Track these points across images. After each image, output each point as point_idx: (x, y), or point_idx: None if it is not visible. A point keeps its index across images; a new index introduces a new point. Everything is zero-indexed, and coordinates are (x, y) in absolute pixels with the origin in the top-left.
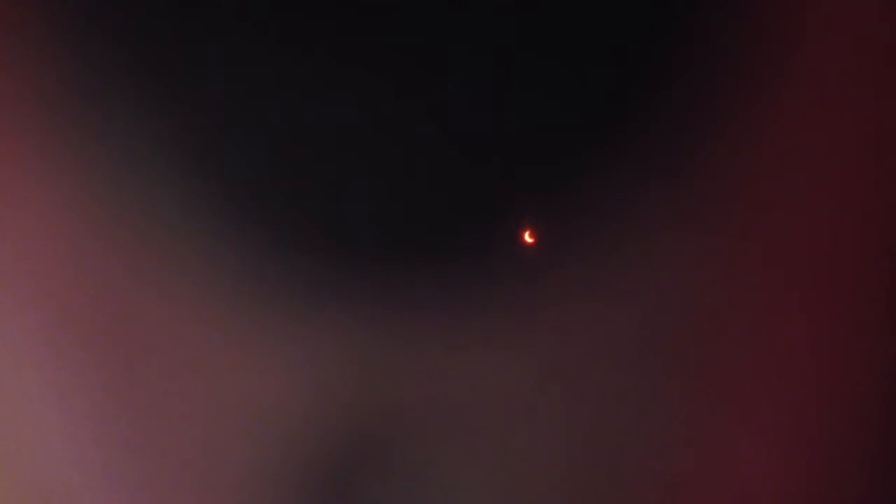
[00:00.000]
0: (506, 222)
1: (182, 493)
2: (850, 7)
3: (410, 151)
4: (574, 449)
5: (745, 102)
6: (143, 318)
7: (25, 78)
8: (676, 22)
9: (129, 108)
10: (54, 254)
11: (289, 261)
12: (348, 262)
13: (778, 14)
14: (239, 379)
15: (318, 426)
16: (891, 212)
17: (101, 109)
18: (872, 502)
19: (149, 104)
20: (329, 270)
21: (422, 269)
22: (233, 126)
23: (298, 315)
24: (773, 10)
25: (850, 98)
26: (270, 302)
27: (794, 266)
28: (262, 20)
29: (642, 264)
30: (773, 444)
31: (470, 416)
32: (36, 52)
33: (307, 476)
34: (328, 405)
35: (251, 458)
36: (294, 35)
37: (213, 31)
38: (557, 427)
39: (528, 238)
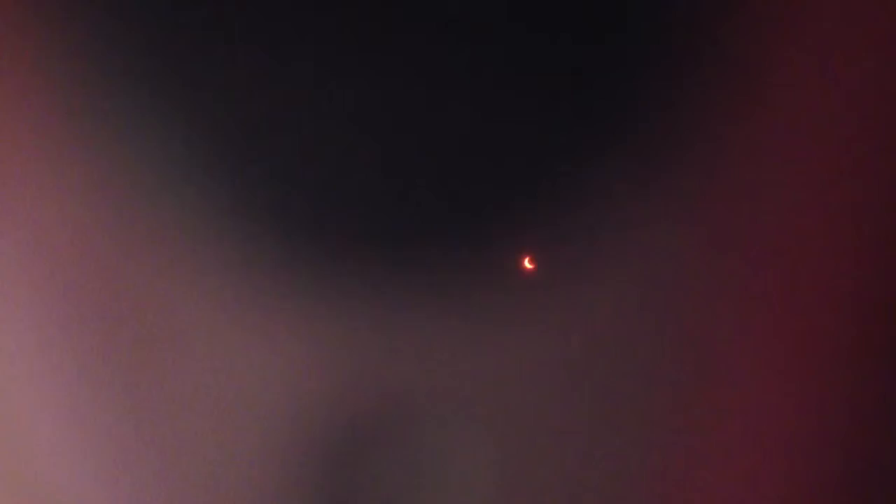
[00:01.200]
0: (506, 219)
1: (188, 486)
2: (848, 6)
3: (413, 152)
4: (572, 438)
5: (743, 102)
6: (148, 314)
7: (34, 73)
8: (673, 21)
9: (137, 105)
10: (59, 250)
11: (294, 256)
12: (353, 258)
13: (775, 12)
14: (244, 372)
15: (322, 417)
16: (890, 209)
17: (109, 105)
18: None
19: (158, 101)
20: (333, 265)
21: (424, 264)
22: (240, 125)
23: (303, 309)
24: (770, 9)
25: (849, 95)
26: (275, 296)
27: (793, 265)
28: (270, 21)
29: (641, 261)
30: (773, 442)
31: (471, 405)
32: (47, 48)
33: (311, 465)
34: (332, 396)
35: (255, 451)
36: (300, 37)
37: (223, 27)
38: (556, 417)
39: (527, 265)
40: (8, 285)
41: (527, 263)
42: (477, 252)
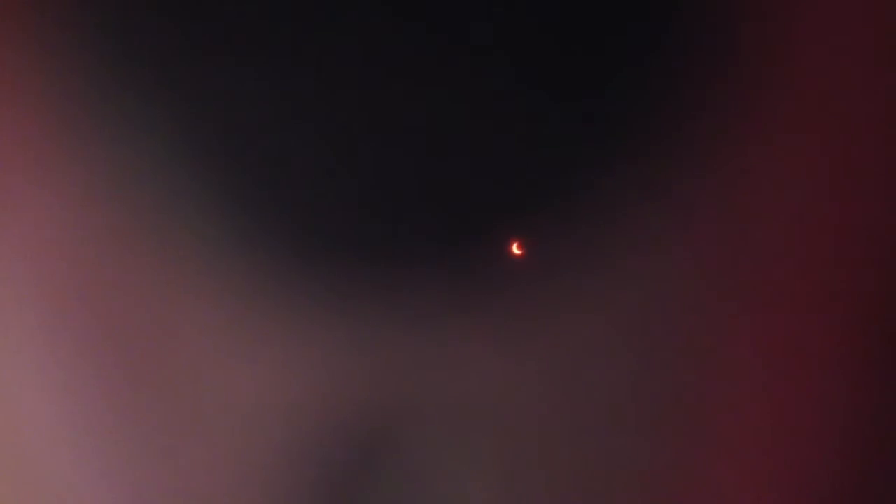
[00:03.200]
0: (507, 226)
1: (183, 490)
2: (847, 6)
3: (413, 158)
4: (572, 448)
5: (741, 105)
6: (149, 321)
7: (32, 78)
8: (673, 24)
9: (138, 110)
10: (61, 256)
11: (294, 264)
12: (353, 266)
13: (775, 14)
14: (242, 380)
15: (320, 426)
16: (890, 211)
17: (110, 111)
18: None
19: (158, 107)
20: (333, 273)
21: (425, 273)
22: (240, 131)
23: (302, 317)
24: (770, 11)
25: (848, 98)
26: (274, 304)
27: (792, 270)
28: (273, 27)
29: (638, 266)
30: (771, 445)
31: (471, 414)
32: (43, 53)
33: (309, 471)
34: (330, 405)
35: (253, 459)
36: (300, 43)
37: (225, 34)
38: (556, 426)
39: (516, 250)
40: (8, 289)
41: (515, 249)
42: (475, 260)
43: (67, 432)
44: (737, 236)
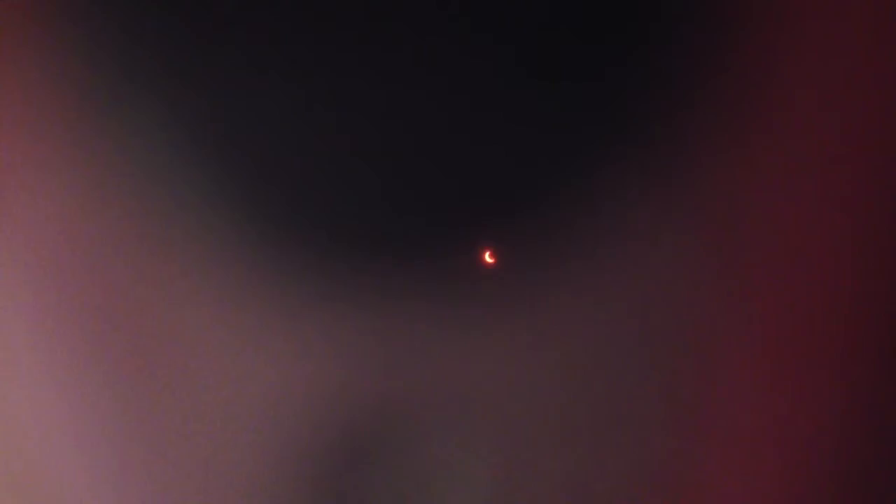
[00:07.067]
0: (504, 219)
1: (185, 490)
2: (849, 7)
3: (409, 150)
4: (571, 444)
5: (742, 101)
6: (146, 316)
7: (32, 74)
8: (673, 21)
9: (135, 106)
10: (58, 252)
11: (289, 259)
12: (349, 260)
13: (776, 13)
14: (240, 376)
15: (318, 421)
16: (891, 212)
17: (108, 106)
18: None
19: (155, 102)
20: (329, 268)
21: (420, 266)
22: (236, 128)
23: (299, 312)
24: (771, 10)
25: (850, 97)
26: (270, 299)
27: (792, 267)
28: (269, 22)
29: (637, 261)
30: (771, 443)
31: (469, 410)
32: (44, 48)
33: (308, 470)
34: (327, 401)
35: (252, 456)
36: (296, 40)
37: (222, 29)
38: (555, 421)
39: (488, 259)
40: (6, 287)
41: (487, 258)
42: (473, 259)
43: (69, 432)
44: (735, 234)
